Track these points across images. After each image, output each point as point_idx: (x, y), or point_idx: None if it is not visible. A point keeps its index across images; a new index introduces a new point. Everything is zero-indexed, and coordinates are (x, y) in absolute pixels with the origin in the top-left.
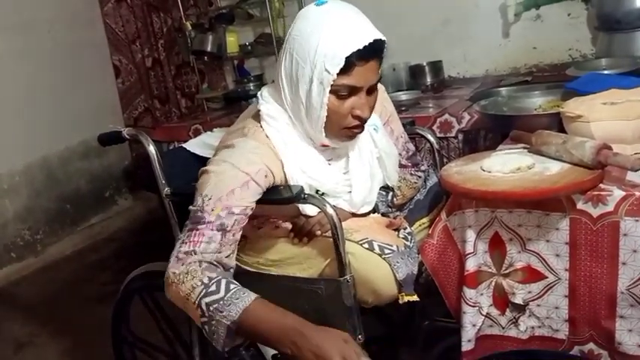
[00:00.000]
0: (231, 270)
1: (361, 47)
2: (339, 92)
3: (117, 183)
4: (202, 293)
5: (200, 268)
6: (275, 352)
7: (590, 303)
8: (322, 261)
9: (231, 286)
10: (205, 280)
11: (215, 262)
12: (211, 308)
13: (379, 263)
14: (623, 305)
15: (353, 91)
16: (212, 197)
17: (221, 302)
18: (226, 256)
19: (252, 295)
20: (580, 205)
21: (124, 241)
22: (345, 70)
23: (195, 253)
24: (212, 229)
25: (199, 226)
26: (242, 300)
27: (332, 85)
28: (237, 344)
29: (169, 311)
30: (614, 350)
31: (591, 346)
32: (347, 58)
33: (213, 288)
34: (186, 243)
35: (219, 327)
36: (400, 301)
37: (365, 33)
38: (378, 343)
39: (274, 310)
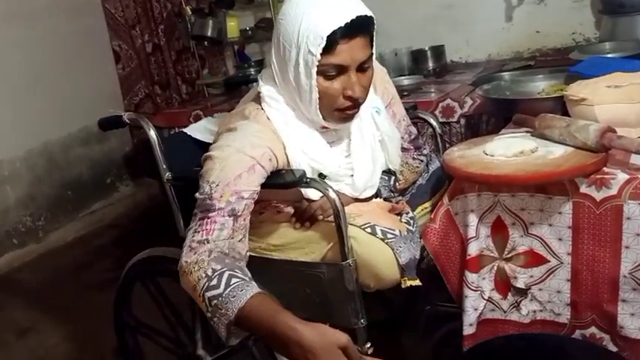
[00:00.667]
0: (247, 253)
1: (342, 25)
2: (327, 72)
3: (118, 169)
4: (205, 286)
5: (208, 259)
6: None
7: (593, 287)
8: (324, 245)
9: (233, 280)
10: (209, 273)
11: (226, 250)
12: (212, 304)
13: (382, 248)
14: (626, 289)
15: (341, 70)
16: (219, 183)
17: (220, 299)
18: (239, 240)
19: (249, 293)
20: (583, 189)
21: (126, 228)
22: (328, 50)
23: (208, 242)
24: (223, 216)
25: (210, 214)
26: (238, 299)
27: (318, 66)
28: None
29: (172, 296)
30: (616, 334)
31: (593, 330)
32: (329, 36)
33: (214, 282)
34: (198, 232)
35: (220, 324)
36: (402, 286)
37: (346, 10)
38: (380, 328)
39: (270, 310)
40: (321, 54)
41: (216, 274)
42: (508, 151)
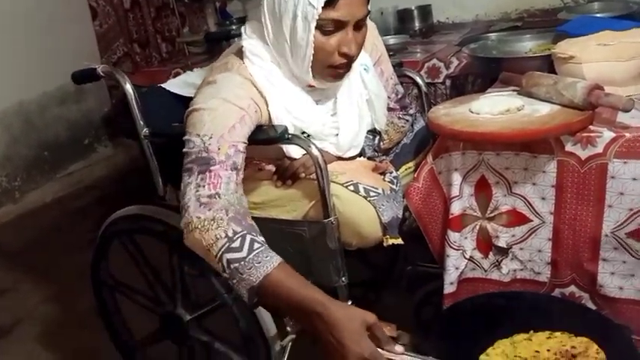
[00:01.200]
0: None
1: None
2: (325, 27)
3: (96, 130)
4: (225, 247)
5: (227, 218)
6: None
7: (574, 246)
8: (306, 203)
9: (255, 245)
10: (230, 234)
11: (238, 207)
12: (232, 267)
13: (364, 205)
14: (607, 248)
15: (339, 26)
16: (213, 136)
17: (242, 263)
18: (241, 195)
19: (275, 261)
20: (569, 147)
21: (105, 189)
22: (329, 3)
23: (219, 196)
24: (226, 169)
25: (212, 167)
26: (263, 265)
27: (317, 20)
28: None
29: (150, 255)
30: (595, 292)
31: (572, 288)
32: None
33: (236, 244)
34: (203, 186)
35: (240, 287)
36: (384, 244)
37: None
38: (361, 287)
39: (297, 281)
40: (322, 8)
41: (237, 236)
42: (494, 109)
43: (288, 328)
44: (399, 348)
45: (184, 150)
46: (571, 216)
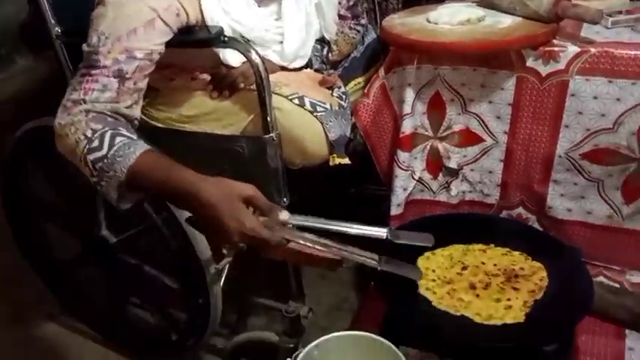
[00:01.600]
0: (135, 122)
1: None
2: None
3: (14, 40)
4: (86, 149)
5: (85, 119)
6: (189, 214)
7: (526, 167)
8: (245, 117)
9: (117, 140)
10: (89, 134)
11: (108, 113)
12: (97, 167)
13: (310, 120)
14: (559, 169)
15: None
16: (109, 36)
17: (105, 161)
18: (127, 107)
19: (139, 150)
20: (530, 63)
21: (26, 104)
22: None
23: (84, 102)
24: (107, 76)
25: (93, 71)
26: (126, 157)
27: None
28: (139, 201)
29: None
30: (543, 214)
31: (520, 210)
32: None
33: (96, 143)
34: (76, 90)
35: (109, 187)
36: (330, 163)
37: None
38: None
39: (164, 166)
40: None
41: (96, 134)
42: (453, 19)
43: (225, 251)
44: (283, 215)
45: (82, 46)
46: (525, 136)
